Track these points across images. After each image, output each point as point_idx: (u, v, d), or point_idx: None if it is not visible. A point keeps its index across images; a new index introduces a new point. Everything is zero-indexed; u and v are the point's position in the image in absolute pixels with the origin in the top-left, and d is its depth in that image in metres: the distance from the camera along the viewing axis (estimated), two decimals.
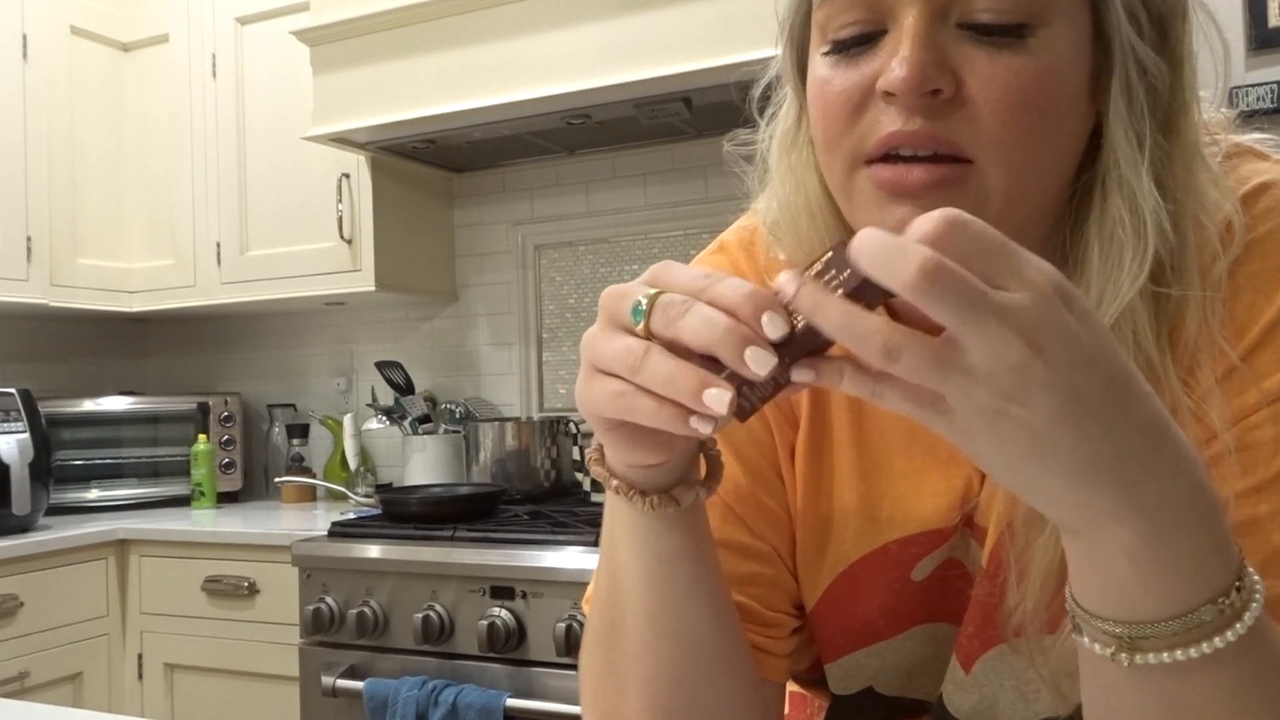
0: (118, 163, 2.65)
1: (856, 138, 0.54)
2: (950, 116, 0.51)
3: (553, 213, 2.57)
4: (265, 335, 2.95)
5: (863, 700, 0.69)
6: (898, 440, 0.64)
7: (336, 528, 2.00)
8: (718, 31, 1.79)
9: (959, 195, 0.51)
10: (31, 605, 2.09)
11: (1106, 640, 0.43)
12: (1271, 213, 0.55)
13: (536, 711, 1.67)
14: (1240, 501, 0.52)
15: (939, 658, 0.66)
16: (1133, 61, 0.52)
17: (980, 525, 0.62)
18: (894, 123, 0.51)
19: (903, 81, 0.50)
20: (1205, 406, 0.53)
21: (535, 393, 2.59)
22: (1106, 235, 0.53)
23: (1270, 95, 1.52)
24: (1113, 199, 0.53)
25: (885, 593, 0.65)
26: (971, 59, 0.51)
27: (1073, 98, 0.52)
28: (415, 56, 2.07)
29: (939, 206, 0.50)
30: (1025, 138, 0.51)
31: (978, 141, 0.51)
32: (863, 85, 0.53)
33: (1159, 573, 0.40)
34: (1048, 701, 0.61)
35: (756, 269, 0.68)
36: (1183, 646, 0.41)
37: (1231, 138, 0.59)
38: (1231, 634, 0.41)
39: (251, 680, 2.11)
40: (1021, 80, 0.50)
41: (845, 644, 0.68)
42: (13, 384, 2.31)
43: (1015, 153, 0.51)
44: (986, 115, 0.50)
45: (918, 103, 0.51)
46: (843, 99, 0.54)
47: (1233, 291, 0.54)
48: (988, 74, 0.50)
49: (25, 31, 2.41)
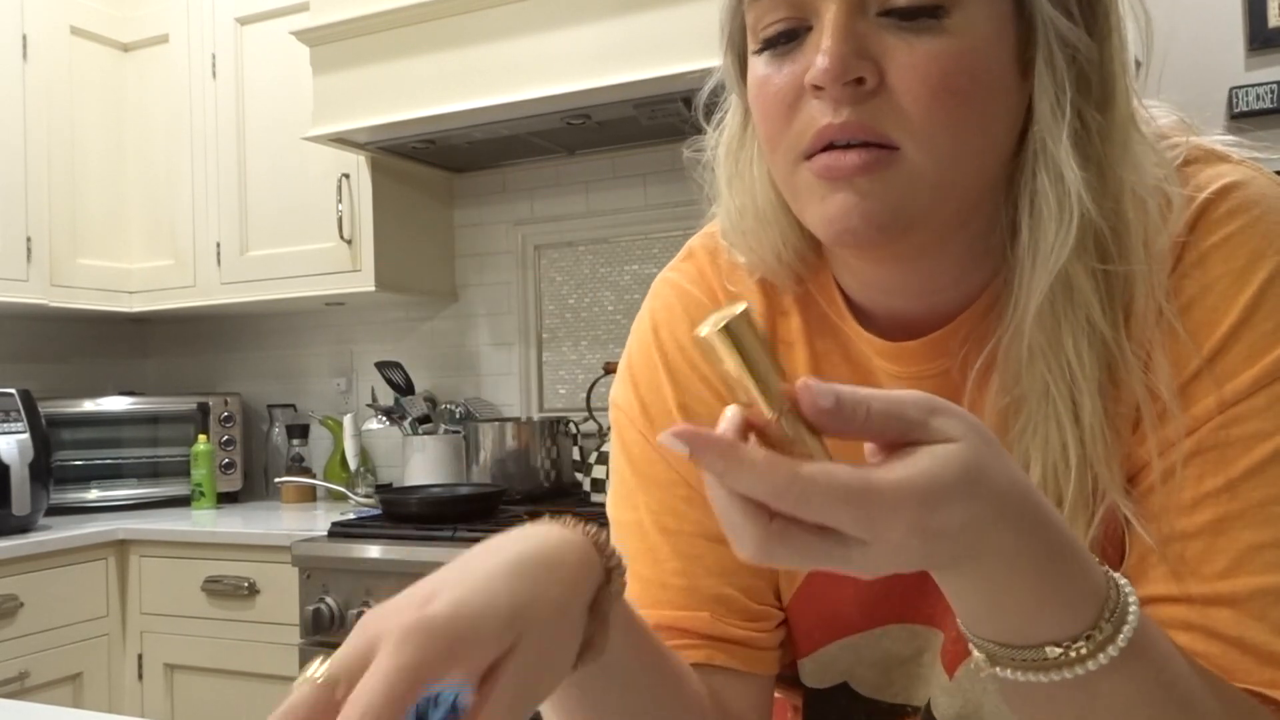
0: (118, 163, 2.65)
1: (794, 135, 0.55)
2: (875, 105, 0.52)
3: (553, 213, 2.57)
4: (265, 335, 2.95)
5: (839, 697, 0.69)
6: None
7: (336, 528, 2.00)
8: (718, 31, 1.79)
9: (890, 178, 0.52)
10: (31, 605, 2.09)
11: (976, 649, 0.47)
12: (1233, 215, 0.55)
13: (536, 711, 1.67)
14: (1210, 501, 0.52)
15: (918, 661, 0.66)
16: (1055, 35, 0.53)
17: None
18: (824, 116, 0.53)
19: (825, 73, 0.51)
20: (1156, 378, 0.54)
21: (535, 393, 2.59)
22: (1035, 207, 0.54)
23: (1270, 95, 1.52)
24: (1039, 173, 0.54)
25: (858, 583, 0.64)
26: (891, 47, 0.52)
27: (998, 76, 0.53)
28: (415, 56, 2.07)
29: (870, 190, 0.52)
30: (949, 120, 0.52)
31: (903, 128, 0.52)
32: (794, 83, 0.54)
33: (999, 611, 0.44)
34: None
35: (720, 275, 0.70)
36: (1033, 671, 0.44)
37: (1193, 140, 0.59)
38: (1080, 668, 0.43)
39: (251, 680, 2.11)
40: (941, 64, 0.51)
41: (819, 636, 0.68)
42: (13, 384, 2.31)
43: (941, 136, 0.52)
44: (909, 102, 0.51)
45: (842, 93, 0.52)
46: (778, 99, 0.55)
47: (1197, 293, 0.54)
48: (907, 60, 0.51)
49: (25, 31, 2.41)
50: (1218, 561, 0.52)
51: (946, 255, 0.58)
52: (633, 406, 0.70)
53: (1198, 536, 0.52)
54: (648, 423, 0.69)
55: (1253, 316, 0.53)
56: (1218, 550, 0.52)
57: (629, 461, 0.70)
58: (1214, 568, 0.52)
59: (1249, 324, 0.53)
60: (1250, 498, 0.52)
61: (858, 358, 0.65)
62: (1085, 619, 0.43)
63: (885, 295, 0.62)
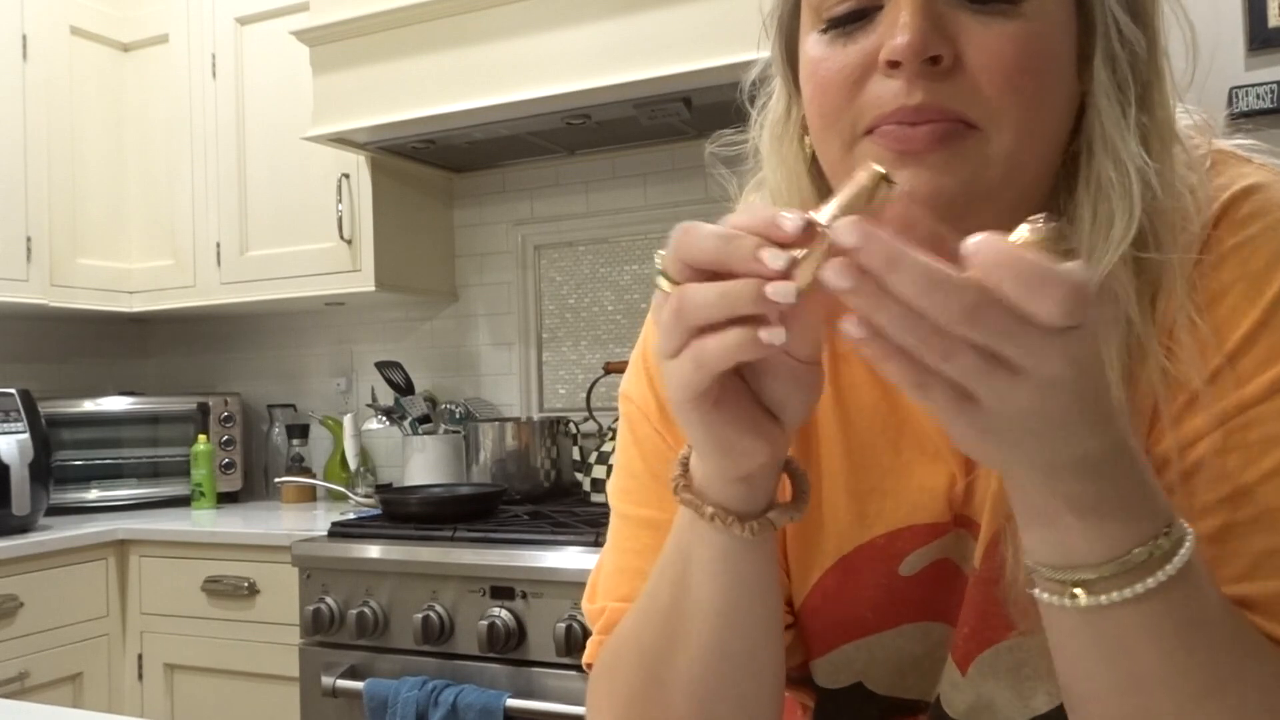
0: (118, 163, 2.65)
1: (855, 113, 0.54)
2: (949, 86, 0.52)
3: (553, 213, 2.57)
4: (265, 335, 2.95)
5: (853, 696, 0.69)
6: (885, 435, 0.64)
7: (336, 528, 2.00)
8: (718, 31, 1.79)
9: (964, 153, 0.52)
10: (31, 605, 2.09)
11: (1056, 587, 0.46)
12: (1253, 218, 0.55)
13: (536, 711, 1.67)
14: (1225, 505, 0.52)
15: (932, 657, 0.66)
16: (1115, 30, 0.54)
17: (975, 523, 0.62)
18: (897, 97, 0.52)
19: (906, 47, 0.51)
20: (1184, 368, 0.54)
21: (535, 393, 2.59)
22: (1103, 195, 0.54)
23: (1270, 95, 1.52)
24: (1100, 160, 0.54)
25: (874, 587, 0.65)
26: (968, 27, 0.52)
27: (1064, 65, 0.54)
28: (415, 56, 2.07)
29: (944, 166, 0.52)
30: (1023, 101, 0.52)
31: (979, 108, 0.52)
32: (862, 61, 0.54)
33: (1099, 519, 0.44)
34: (1044, 698, 0.61)
35: None
36: (1118, 588, 0.45)
37: (1215, 143, 0.59)
38: (1162, 574, 0.45)
39: (251, 680, 2.11)
40: (1017, 46, 0.51)
41: (832, 638, 0.68)
42: (13, 384, 2.31)
43: (1014, 116, 0.52)
44: (985, 82, 0.52)
45: (920, 70, 0.51)
46: (842, 74, 0.55)
47: (1215, 294, 0.55)
48: (984, 41, 0.51)
49: (25, 31, 2.40)
50: (1235, 565, 0.52)
51: None
52: (648, 401, 0.70)
53: (1214, 541, 0.52)
54: (664, 419, 0.68)
55: (1271, 320, 0.53)
56: (1235, 554, 0.52)
57: (641, 457, 0.69)
58: (1231, 571, 0.52)
59: (1267, 327, 0.53)
60: (1265, 502, 0.52)
61: None
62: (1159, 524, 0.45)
63: None
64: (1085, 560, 0.45)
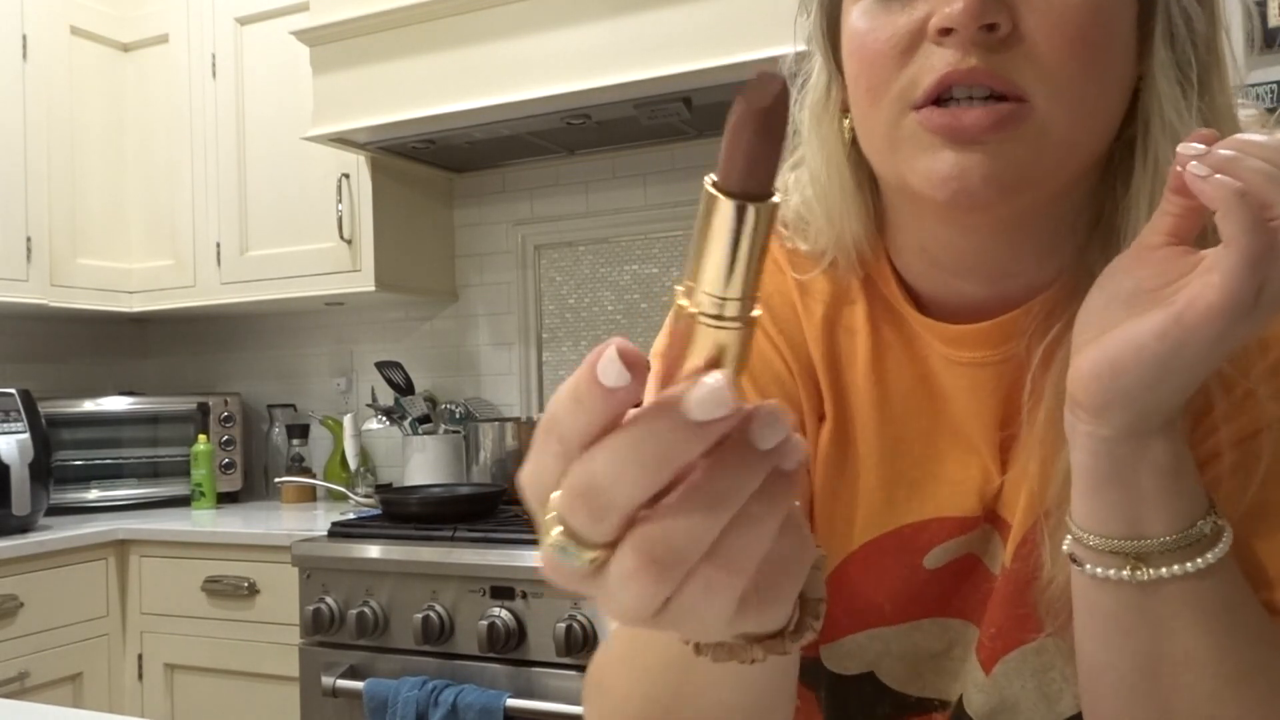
0: (118, 163, 2.65)
1: (905, 82, 0.52)
2: (1007, 53, 0.49)
3: (553, 213, 2.57)
4: (265, 335, 2.95)
5: (864, 686, 0.67)
6: (920, 424, 0.63)
7: (336, 528, 2.00)
8: (718, 31, 1.78)
9: (1019, 136, 0.50)
10: (31, 605, 2.09)
11: (1112, 561, 0.47)
12: None
13: (536, 711, 1.67)
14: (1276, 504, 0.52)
15: (950, 656, 0.65)
16: (1178, 9, 0.51)
17: (1006, 520, 0.61)
18: (948, 63, 0.50)
19: (963, 12, 0.48)
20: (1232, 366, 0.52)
21: (535, 393, 2.59)
22: (1160, 178, 0.51)
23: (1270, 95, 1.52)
24: (1158, 143, 0.52)
25: (895, 578, 0.63)
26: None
27: (1125, 39, 0.51)
28: (415, 56, 2.07)
29: (998, 150, 0.50)
30: (1084, 74, 0.50)
31: (1036, 79, 0.49)
32: (912, 28, 0.51)
33: (1176, 485, 0.46)
34: (1070, 701, 0.60)
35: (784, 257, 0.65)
36: (1179, 561, 0.46)
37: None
38: (1216, 552, 0.46)
39: (251, 680, 2.11)
40: (1079, 14, 0.49)
41: (846, 625, 0.66)
42: (13, 384, 2.31)
43: (1074, 90, 0.50)
44: (1045, 51, 0.49)
45: (974, 37, 0.49)
46: (890, 43, 0.52)
47: None
48: (1044, 8, 0.49)
49: (25, 31, 2.40)
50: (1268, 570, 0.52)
51: (1041, 228, 0.56)
52: None
53: (1264, 537, 0.52)
54: None
55: None
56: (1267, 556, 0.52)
57: None
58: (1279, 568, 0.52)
59: None
60: None
61: (916, 345, 0.63)
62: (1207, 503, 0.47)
63: (955, 276, 0.60)
64: (1151, 531, 0.46)
